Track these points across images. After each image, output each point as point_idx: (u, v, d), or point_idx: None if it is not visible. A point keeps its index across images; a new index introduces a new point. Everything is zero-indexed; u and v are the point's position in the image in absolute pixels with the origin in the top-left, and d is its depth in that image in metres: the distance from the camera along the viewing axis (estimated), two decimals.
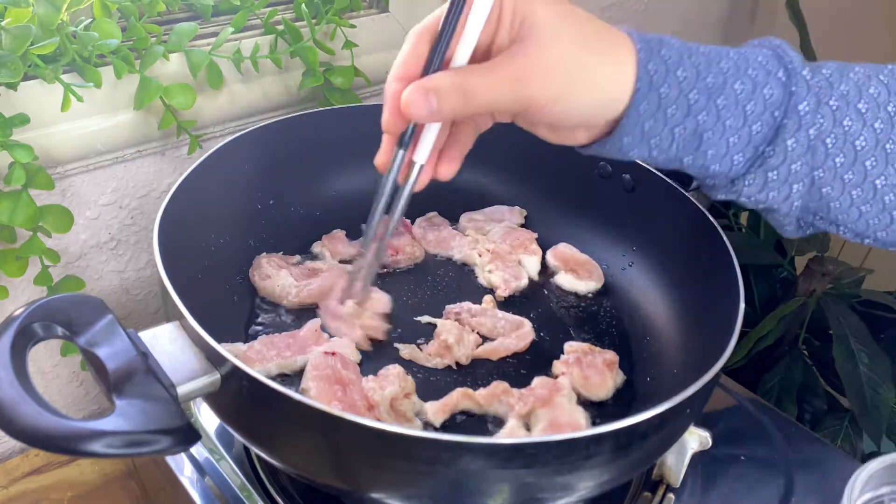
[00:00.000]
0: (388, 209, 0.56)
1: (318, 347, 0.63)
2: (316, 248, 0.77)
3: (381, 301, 0.70)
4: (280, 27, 0.82)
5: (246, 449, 0.68)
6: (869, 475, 0.51)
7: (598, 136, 0.50)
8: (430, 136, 0.52)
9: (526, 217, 0.84)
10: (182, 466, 0.67)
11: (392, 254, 0.77)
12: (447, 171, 0.55)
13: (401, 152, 0.52)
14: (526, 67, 0.45)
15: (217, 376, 0.50)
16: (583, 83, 0.46)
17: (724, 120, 0.47)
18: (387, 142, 0.53)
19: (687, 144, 0.48)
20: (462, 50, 0.48)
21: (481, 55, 0.48)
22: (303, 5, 0.82)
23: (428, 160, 0.53)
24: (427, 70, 0.48)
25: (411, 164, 0.53)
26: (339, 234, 0.78)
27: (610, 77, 0.46)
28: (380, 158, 0.54)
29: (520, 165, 0.84)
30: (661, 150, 0.48)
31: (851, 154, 0.47)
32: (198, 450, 0.68)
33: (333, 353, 0.61)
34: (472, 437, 0.45)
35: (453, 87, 0.46)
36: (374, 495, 0.51)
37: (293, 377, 0.62)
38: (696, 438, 0.65)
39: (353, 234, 0.80)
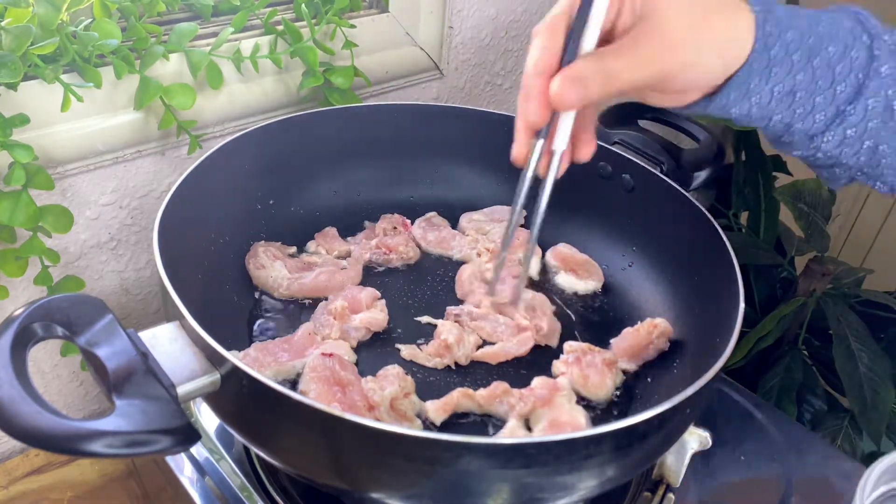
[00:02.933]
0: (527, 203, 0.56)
1: (314, 350, 0.63)
2: (311, 246, 0.77)
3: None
4: (280, 27, 0.82)
5: (246, 449, 0.68)
6: (884, 469, 0.51)
7: (703, 97, 0.52)
8: (567, 123, 0.52)
9: (526, 217, 0.84)
10: (182, 466, 0.67)
11: (385, 252, 0.77)
12: (587, 151, 0.56)
13: (540, 142, 0.53)
14: (659, 43, 0.48)
15: (217, 376, 0.50)
16: (710, 48, 0.49)
17: (817, 80, 0.50)
18: (523, 136, 0.53)
19: (781, 103, 0.51)
20: (589, 36, 0.49)
21: (604, 38, 0.50)
22: (303, 5, 0.82)
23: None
24: (563, 61, 0.49)
25: (550, 153, 0.53)
26: (332, 230, 0.79)
27: (733, 39, 0.49)
28: (519, 152, 0.54)
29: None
30: (759, 108, 0.51)
31: None
32: (198, 450, 0.68)
33: (331, 355, 0.61)
34: (471, 437, 0.45)
35: (596, 72, 0.48)
36: (374, 495, 0.51)
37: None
38: (696, 438, 0.65)
39: (351, 231, 0.80)
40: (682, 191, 0.71)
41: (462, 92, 1.07)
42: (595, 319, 0.74)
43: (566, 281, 0.77)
